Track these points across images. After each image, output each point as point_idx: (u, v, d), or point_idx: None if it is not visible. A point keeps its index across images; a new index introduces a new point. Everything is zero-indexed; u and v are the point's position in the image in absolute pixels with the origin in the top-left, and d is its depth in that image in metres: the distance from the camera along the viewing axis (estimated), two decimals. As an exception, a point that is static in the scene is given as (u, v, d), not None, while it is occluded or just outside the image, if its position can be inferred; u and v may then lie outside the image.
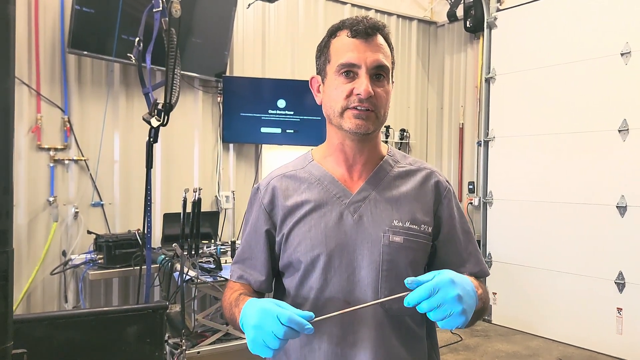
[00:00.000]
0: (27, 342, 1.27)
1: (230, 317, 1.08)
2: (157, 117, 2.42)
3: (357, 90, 1.03)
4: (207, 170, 3.97)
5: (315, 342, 1.07)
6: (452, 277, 0.90)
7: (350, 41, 1.06)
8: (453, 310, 0.87)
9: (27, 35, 3.21)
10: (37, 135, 3.25)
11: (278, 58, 4.27)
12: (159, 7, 2.41)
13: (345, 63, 1.04)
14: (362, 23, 1.06)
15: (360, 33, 1.05)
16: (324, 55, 1.11)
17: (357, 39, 1.05)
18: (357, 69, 1.04)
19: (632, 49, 3.66)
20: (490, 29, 4.61)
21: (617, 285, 3.72)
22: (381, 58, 1.05)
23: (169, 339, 2.75)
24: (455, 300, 0.87)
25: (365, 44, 1.05)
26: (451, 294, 0.87)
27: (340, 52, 1.06)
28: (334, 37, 1.10)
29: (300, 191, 1.12)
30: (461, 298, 0.88)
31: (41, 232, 3.29)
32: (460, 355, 3.75)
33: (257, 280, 1.15)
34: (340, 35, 1.08)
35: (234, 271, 1.18)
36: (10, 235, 0.72)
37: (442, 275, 0.90)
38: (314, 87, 1.15)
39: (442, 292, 0.88)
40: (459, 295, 0.88)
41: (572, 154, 4.00)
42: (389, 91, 1.08)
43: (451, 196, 1.16)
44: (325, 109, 1.11)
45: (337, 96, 1.06)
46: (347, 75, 1.05)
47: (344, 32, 1.07)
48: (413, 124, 5.16)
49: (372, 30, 1.05)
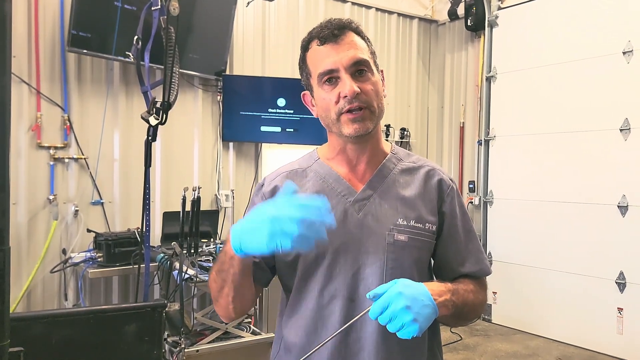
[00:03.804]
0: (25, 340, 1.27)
1: (218, 268, 1.05)
2: (155, 116, 2.41)
3: (343, 93, 1.03)
4: (206, 169, 3.97)
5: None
6: (401, 289, 0.92)
7: (321, 49, 1.06)
8: (404, 320, 0.91)
9: (27, 33, 3.21)
10: (37, 134, 3.25)
11: (278, 57, 4.26)
12: (158, 6, 2.40)
13: (323, 71, 1.05)
14: (327, 27, 1.06)
15: (328, 37, 1.05)
16: (304, 71, 1.12)
17: (327, 44, 1.05)
18: (336, 73, 1.04)
19: (634, 47, 3.65)
20: (492, 28, 4.60)
21: (618, 285, 3.72)
22: (356, 53, 1.05)
23: (168, 338, 2.75)
24: (404, 311, 0.90)
25: (336, 46, 1.05)
26: (399, 305, 0.91)
27: (316, 62, 1.07)
28: (307, 50, 1.10)
29: (305, 188, 1.12)
30: (410, 308, 0.91)
31: (41, 231, 3.29)
32: (460, 355, 3.75)
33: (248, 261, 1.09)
34: (312, 46, 1.09)
35: None
36: (6, 233, 0.71)
37: (392, 289, 0.93)
38: (307, 102, 1.16)
39: (392, 305, 0.91)
40: (407, 306, 0.91)
41: (573, 153, 3.99)
42: (375, 82, 1.07)
43: (454, 194, 1.15)
44: (322, 120, 1.11)
45: (328, 105, 1.06)
46: (330, 82, 1.05)
47: (314, 42, 1.08)
48: (413, 123, 5.15)
49: (338, 31, 1.06)
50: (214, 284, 1.09)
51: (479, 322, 4.49)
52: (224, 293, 1.07)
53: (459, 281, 1.11)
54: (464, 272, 1.14)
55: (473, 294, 1.09)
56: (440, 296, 0.98)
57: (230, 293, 1.05)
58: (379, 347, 1.05)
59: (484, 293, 1.16)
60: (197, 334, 2.96)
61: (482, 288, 1.16)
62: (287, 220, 0.85)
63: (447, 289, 1.02)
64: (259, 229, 0.88)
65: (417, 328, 0.91)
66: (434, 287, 0.99)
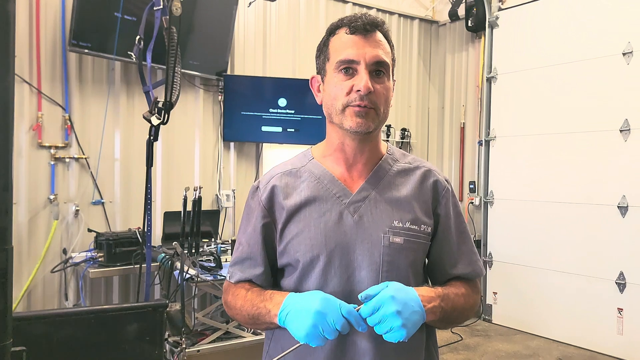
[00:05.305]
0: (27, 339, 1.27)
1: (253, 314, 1.07)
2: (157, 116, 2.41)
3: (357, 87, 1.02)
4: (207, 169, 3.97)
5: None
6: (393, 293, 0.94)
7: (349, 38, 1.05)
8: (393, 325, 0.92)
9: (28, 33, 3.21)
10: (37, 133, 3.25)
11: (279, 57, 4.26)
12: (160, 6, 2.40)
13: (344, 59, 1.04)
14: (361, 19, 1.05)
15: (359, 29, 1.04)
16: (323, 54, 1.11)
17: (355, 35, 1.05)
18: (356, 65, 1.03)
19: (634, 48, 3.65)
20: (492, 29, 4.60)
21: (618, 285, 3.72)
22: (380, 54, 1.04)
23: (168, 338, 2.75)
24: (394, 315, 0.92)
25: (364, 40, 1.04)
26: (390, 310, 0.92)
27: (339, 49, 1.06)
28: (332, 35, 1.09)
29: (300, 190, 1.11)
30: (400, 313, 0.92)
31: (42, 230, 3.29)
32: (461, 355, 3.75)
33: (257, 275, 1.12)
34: (339, 32, 1.07)
35: (233, 273, 1.15)
36: (9, 232, 0.72)
37: (385, 292, 0.94)
38: (314, 86, 1.15)
39: (383, 308, 0.93)
40: (397, 310, 0.92)
41: (574, 153, 4.00)
42: (389, 88, 1.07)
43: (449, 196, 1.15)
44: (326, 107, 1.10)
45: (338, 93, 1.05)
46: (347, 72, 1.04)
47: (343, 29, 1.07)
48: (414, 124, 5.15)
49: (370, 27, 1.05)
50: (239, 317, 1.13)
51: (480, 323, 4.49)
52: (247, 324, 1.13)
53: (451, 284, 1.11)
54: (455, 274, 1.14)
55: (464, 298, 1.09)
56: (429, 302, 0.98)
57: (253, 328, 1.14)
58: (376, 349, 1.04)
59: (475, 296, 1.15)
60: (198, 334, 2.96)
61: (474, 291, 1.15)
62: (331, 321, 0.94)
63: (437, 294, 1.02)
64: (304, 317, 0.95)
65: (405, 333, 0.93)
66: (424, 292, 1.00)
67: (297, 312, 0.96)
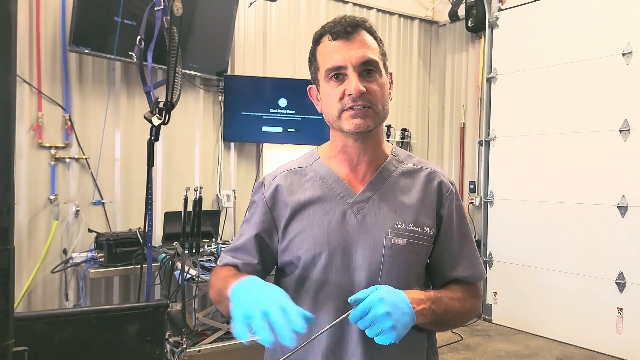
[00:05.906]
0: (28, 339, 1.27)
1: (219, 288, 1.06)
2: (158, 116, 2.41)
3: (348, 90, 1.03)
4: (208, 169, 3.97)
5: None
6: (383, 295, 0.93)
7: (333, 44, 1.05)
8: (383, 326, 0.92)
9: (28, 33, 3.21)
10: (38, 134, 3.25)
11: (279, 57, 4.27)
12: (161, 6, 2.41)
13: (332, 67, 1.04)
14: (340, 23, 1.05)
15: (341, 34, 1.04)
16: (313, 65, 1.12)
17: (338, 40, 1.05)
18: (344, 70, 1.04)
19: (634, 49, 3.65)
20: (492, 29, 4.60)
21: (618, 285, 3.72)
22: (366, 53, 1.04)
23: (169, 338, 2.75)
24: (384, 317, 0.91)
25: (348, 42, 1.04)
26: (380, 311, 0.91)
27: (326, 57, 1.06)
28: (318, 44, 1.10)
29: (305, 188, 1.12)
30: (390, 315, 0.92)
31: (42, 230, 3.29)
32: (461, 355, 3.75)
33: (245, 263, 1.12)
34: (324, 40, 1.08)
35: (223, 257, 1.16)
36: (11, 233, 0.72)
37: (374, 294, 0.93)
38: (313, 96, 1.16)
39: (373, 310, 0.92)
40: (387, 312, 0.92)
41: (573, 154, 4.00)
42: (382, 84, 1.07)
43: (453, 198, 1.14)
44: (325, 116, 1.11)
45: (332, 101, 1.06)
46: (337, 78, 1.05)
47: (326, 37, 1.07)
48: (414, 124, 5.16)
49: (352, 28, 1.05)
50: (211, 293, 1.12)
51: (480, 322, 4.50)
52: (215, 301, 1.11)
53: (447, 288, 1.10)
54: (455, 276, 1.13)
55: (459, 302, 1.08)
56: (418, 305, 0.98)
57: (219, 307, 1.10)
58: (375, 350, 1.04)
59: (473, 300, 1.14)
60: (199, 334, 2.96)
61: (473, 295, 1.14)
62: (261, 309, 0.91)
63: (427, 297, 1.01)
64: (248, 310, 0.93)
65: (395, 335, 0.92)
66: (414, 295, 0.99)
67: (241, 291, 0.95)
